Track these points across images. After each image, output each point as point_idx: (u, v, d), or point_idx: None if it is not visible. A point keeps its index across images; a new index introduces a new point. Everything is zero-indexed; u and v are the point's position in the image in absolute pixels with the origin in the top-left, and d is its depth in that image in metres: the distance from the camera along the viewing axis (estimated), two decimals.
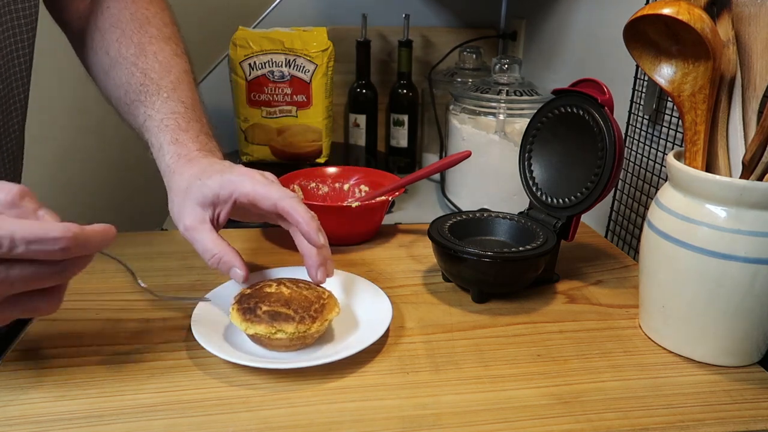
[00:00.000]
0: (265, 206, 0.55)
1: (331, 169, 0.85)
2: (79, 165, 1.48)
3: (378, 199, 0.75)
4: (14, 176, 0.72)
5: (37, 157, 1.14)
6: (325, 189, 0.83)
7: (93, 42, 0.71)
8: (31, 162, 0.84)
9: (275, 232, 0.79)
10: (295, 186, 0.81)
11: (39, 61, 0.80)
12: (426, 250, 0.73)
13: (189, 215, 0.57)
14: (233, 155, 1.11)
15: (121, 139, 1.37)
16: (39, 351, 0.52)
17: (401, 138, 1.23)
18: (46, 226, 0.39)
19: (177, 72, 0.68)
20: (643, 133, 0.78)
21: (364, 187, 0.82)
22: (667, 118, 0.74)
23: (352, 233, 0.75)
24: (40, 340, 0.54)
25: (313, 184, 0.83)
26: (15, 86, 0.66)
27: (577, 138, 0.63)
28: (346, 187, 0.83)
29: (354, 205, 0.72)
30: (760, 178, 0.49)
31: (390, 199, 0.76)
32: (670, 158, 0.53)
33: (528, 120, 0.69)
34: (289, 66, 1.03)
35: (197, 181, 0.57)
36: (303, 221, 0.54)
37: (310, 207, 0.75)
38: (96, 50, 0.71)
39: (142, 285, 0.54)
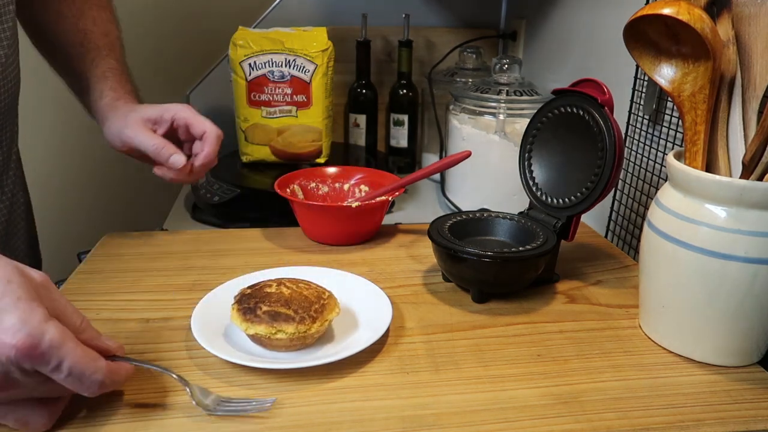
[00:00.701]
0: (196, 130, 0.71)
1: (331, 169, 0.85)
2: (79, 165, 1.48)
3: (378, 199, 0.75)
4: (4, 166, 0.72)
5: (36, 157, 1.14)
6: (325, 189, 0.83)
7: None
8: (29, 163, 0.84)
9: (275, 232, 0.79)
10: (295, 186, 0.81)
11: (39, 61, 0.80)
12: (426, 250, 0.73)
13: (131, 127, 0.69)
14: (233, 155, 1.11)
15: None
16: None
17: (401, 138, 1.23)
18: (94, 366, 0.38)
19: (112, 37, 0.79)
20: (643, 133, 0.78)
21: (364, 187, 0.82)
22: (667, 118, 0.73)
23: (352, 233, 0.75)
24: None
25: (313, 184, 0.83)
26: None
27: (577, 138, 0.63)
28: (346, 187, 0.83)
29: (354, 205, 0.72)
30: (760, 178, 0.49)
31: (390, 199, 0.76)
32: (670, 158, 0.53)
33: (528, 120, 0.69)
34: (289, 66, 1.03)
35: (139, 107, 0.71)
36: (210, 149, 0.71)
37: (310, 207, 0.75)
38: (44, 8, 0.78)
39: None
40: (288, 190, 0.79)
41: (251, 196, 0.94)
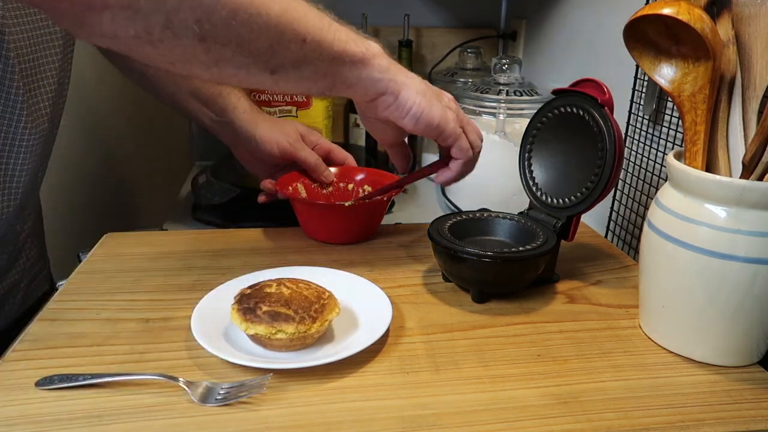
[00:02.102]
0: (338, 156, 0.84)
1: (335, 169, 0.84)
2: (79, 165, 1.48)
3: (377, 198, 0.75)
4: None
5: None
6: (329, 188, 0.83)
7: None
8: None
9: (275, 232, 0.79)
10: (299, 184, 0.81)
11: None
12: (426, 250, 0.73)
13: (295, 141, 0.79)
14: (233, 155, 1.11)
15: (121, 139, 1.37)
16: (39, 351, 0.52)
17: None
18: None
19: None
20: (643, 133, 0.78)
21: (367, 188, 0.82)
22: (667, 118, 0.73)
23: (351, 231, 0.75)
24: (40, 340, 0.54)
25: (317, 183, 0.83)
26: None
27: (577, 138, 0.63)
28: (350, 186, 0.83)
29: (347, 204, 0.72)
30: (760, 178, 0.49)
31: (386, 198, 0.76)
32: (670, 158, 0.53)
33: (528, 120, 0.69)
34: None
35: (288, 121, 0.83)
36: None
37: (308, 204, 0.75)
38: None
39: None
40: (290, 188, 0.79)
41: (251, 196, 0.94)
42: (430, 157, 1.24)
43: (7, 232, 0.68)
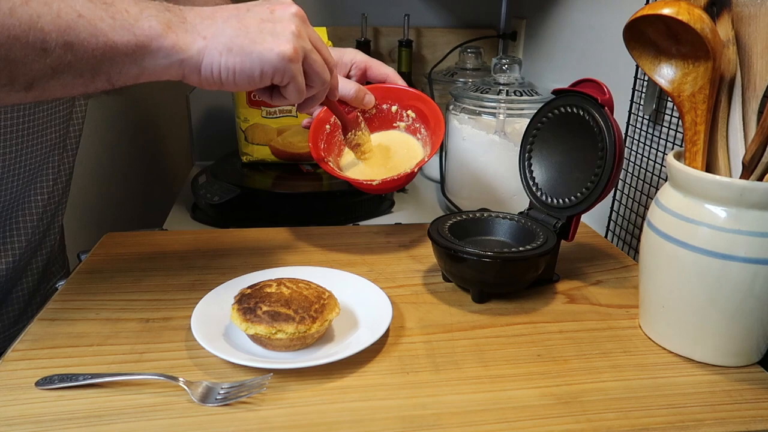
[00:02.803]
0: (376, 73, 0.73)
1: (380, 86, 0.75)
2: (79, 165, 1.48)
3: (400, 174, 0.70)
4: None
5: None
6: (372, 111, 0.76)
7: None
8: None
9: (275, 232, 0.79)
10: (333, 125, 0.76)
11: None
12: (426, 250, 0.73)
13: None
14: (233, 155, 1.11)
15: (121, 139, 1.37)
16: (39, 351, 0.52)
17: None
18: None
19: None
20: (643, 133, 0.78)
21: (411, 113, 0.76)
22: (667, 118, 0.73)
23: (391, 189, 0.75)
24: (40, 340, 0.54)
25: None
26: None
27: (577, 138, 0.63)
28: (394, 108, 0.76)
29: (375, 183, 0.69)
30: (760, 178, 0.49)
31: (417, 169, 0.71)
32: (670, 158, 0.53)
33: (528, 120, 0.69)
34: None
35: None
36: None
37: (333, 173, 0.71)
38: None
39: None
40: (323, 153, 0.74)
41: (251, 196, 0.94)
42: None
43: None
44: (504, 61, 0.96)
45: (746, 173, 0.50)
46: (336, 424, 0.44)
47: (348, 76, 0.72)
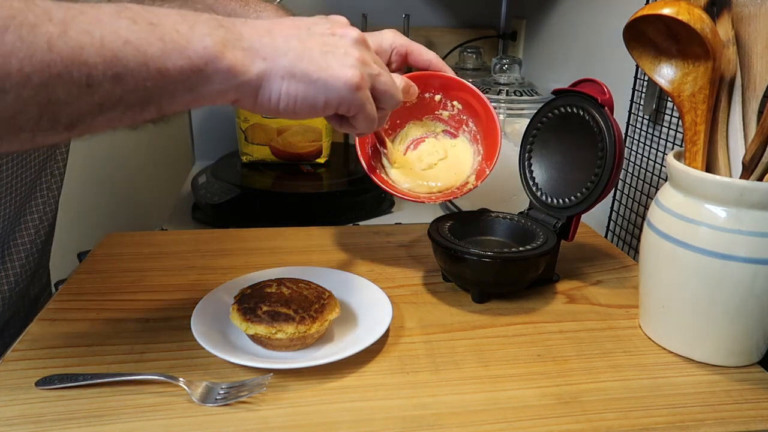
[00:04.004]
0: (418, 59, 0.65)
1: (423, 74, 0.67)
2: (78, 165, 1.48)
3: (463, 187, 0.67)
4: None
5: None
6: (413, 99, 0.69)
7: None
8: None
9: (275, 232, 0.79)
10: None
11: None
12: (426, 250, 0.73)
13: None
14: (233, 155, 1.11)
15: (121, 139, 1.37)
16: (39, 351, 0.52)
17: None
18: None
19: None
20: (643, 133, 0.78)
21: (457, 104, 0.70)
22: (667, 118, 0.74)
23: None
24: (40, 340, 0.54)
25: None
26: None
27: (577, 138, 0.63)
28: (437, 98, 0.70)
29: (434, 196, 0.67)
30: (760, 179, 0.49)
31: (478, 184, 0.67)
32: (670, 158, 0.53)
33: (528, 120, 0.69)
34: None
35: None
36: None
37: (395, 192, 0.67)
38: None
39: None
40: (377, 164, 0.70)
41: (251, 196, 0.94)
42: None
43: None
44: (504, 61, 0.96)
45: (746, 173, 0.50)
46: (336, 424, 0.44)
47: (388, 63, 0.65)
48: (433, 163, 0.71)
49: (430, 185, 0.69)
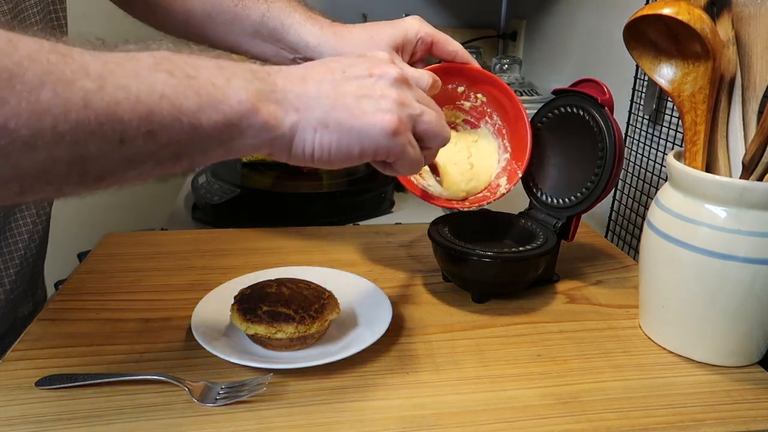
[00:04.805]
0: (444, 50, 0.64)
1: (446, 66, 0.66)
2: None
3: (495, 191, 0.66)
4: None
5: None
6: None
7: None
8: None
9: (275, 232, 0.79)
10: None
11: None
12: (426, 250, 0.73)
13: (385, 49, 0.62)
14: None
15: None
16: (39, 351, 0.52)
17: None
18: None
19: None
20: (643, 133, 0.78)
21: (480, 96, 0.68)
22: (667, 118, 0.74)
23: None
24: (40, 340, 0.54)
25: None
26: None
27: (577, 138, 0.63)
28: (460, 89, 0.68)
29: (467, 204, 0.66)
30: (760, 179, 0.49)
31: (510, 188, 0.65)
32: (670, 158, 0.53)
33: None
34: None
35: (379, 29, 0.63)
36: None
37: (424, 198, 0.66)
38: None
39: None
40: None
41: (251, 196, 0.94)
42: None
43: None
44: (504, 61, 0.96)
45: (746, 173, 0.50)
46: (336, 424, 0.44)
47: (413, 53, 0.63)
48: (464, 168, 0.68)
49: (460, 182, 0.67)
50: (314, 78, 0.43)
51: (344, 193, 0.95)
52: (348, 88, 0.43)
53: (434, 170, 0.66)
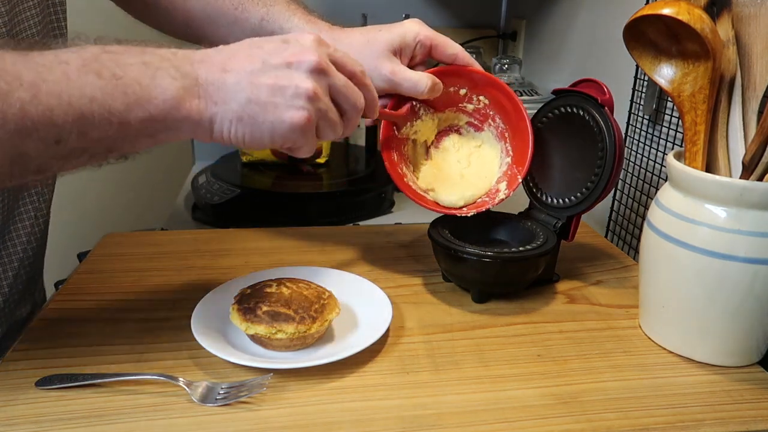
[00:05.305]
0: (444, 53, 0.64)
1: (447, 68, 0.65)
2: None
3: (494, 196, 0.66)
4: None
5: None
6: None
7: None
8: None
9: (275, 232, 0.79)
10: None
11: None
12: (426, 250, 0.73)
13: (386, 64, 0.61)
14: (234, 155, 1.11)
15: None
16: (39, 351, 0.52)
17: None
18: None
19: None
20: (643, 133, 0.78)
21: (483, 99, 0.67)
22: (667, 118, 0.74)
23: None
24: (40, 340, 0.54)
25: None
26: None
27: (577, 138, 0.63)
28: (462, 92, 0.67)
29: (469, 212, 0.64)
30: (760, 179, 0.49)
31: (510, 193, 0.65)
32: (670, 158, 0.53)
33: None
34: None
35: (377, 33, 0.63)
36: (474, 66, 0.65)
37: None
38: None
39: None
40: (401, 169, 0.66)
41: (251, 196, 0.94)
42: None
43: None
44: (504, 61, 0.96)
45: (746, 173, 0.50)
46: (336, 424, 0.44)
47: (412, 57, 0.64)
48: (461, 172, 0.68)
49: (459, 191, 0.66)
50: (234, 69, 0.45)
51: (344, 193, 0.95)
52: (264, 80, 0.45)
53: (397, 127, 0.66)
